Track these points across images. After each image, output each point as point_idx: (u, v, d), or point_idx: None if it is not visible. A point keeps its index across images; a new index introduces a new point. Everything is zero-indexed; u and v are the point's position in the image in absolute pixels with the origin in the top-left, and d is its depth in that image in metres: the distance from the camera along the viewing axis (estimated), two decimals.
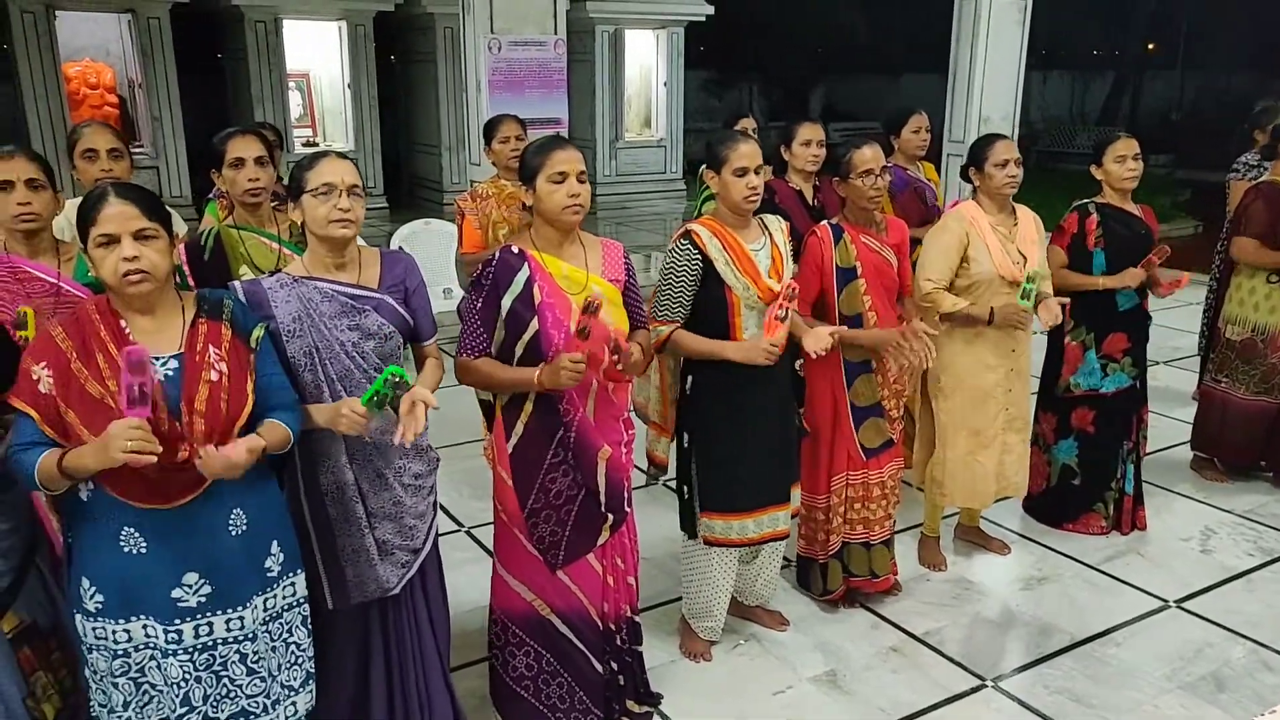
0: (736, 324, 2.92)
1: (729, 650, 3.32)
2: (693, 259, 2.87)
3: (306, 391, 2.30)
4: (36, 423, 1.98)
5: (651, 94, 12.95)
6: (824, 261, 3.18)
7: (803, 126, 4.00)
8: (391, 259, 2.46)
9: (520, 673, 2.82)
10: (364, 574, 2.43)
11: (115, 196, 1.99)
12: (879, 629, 3.44)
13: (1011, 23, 8.07)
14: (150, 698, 2.13)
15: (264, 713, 2.22)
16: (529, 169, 2.57)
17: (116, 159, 3.00)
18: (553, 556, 2.70)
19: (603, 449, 2.67)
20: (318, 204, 2.27)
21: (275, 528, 2.23)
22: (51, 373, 1.98)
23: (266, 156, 2.85)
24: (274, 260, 2.84)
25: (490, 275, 2.57)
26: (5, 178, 2.48)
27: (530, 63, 7.02)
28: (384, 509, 2.44)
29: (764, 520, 3.06)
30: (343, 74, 10.90)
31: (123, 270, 1.98)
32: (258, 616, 2.18)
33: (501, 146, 4.06)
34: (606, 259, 2.71)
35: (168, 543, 2.05)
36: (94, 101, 9.46)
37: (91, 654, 2.11)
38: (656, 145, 12.94)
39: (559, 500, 2.67)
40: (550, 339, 2.55)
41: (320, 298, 2.32)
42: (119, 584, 2.05)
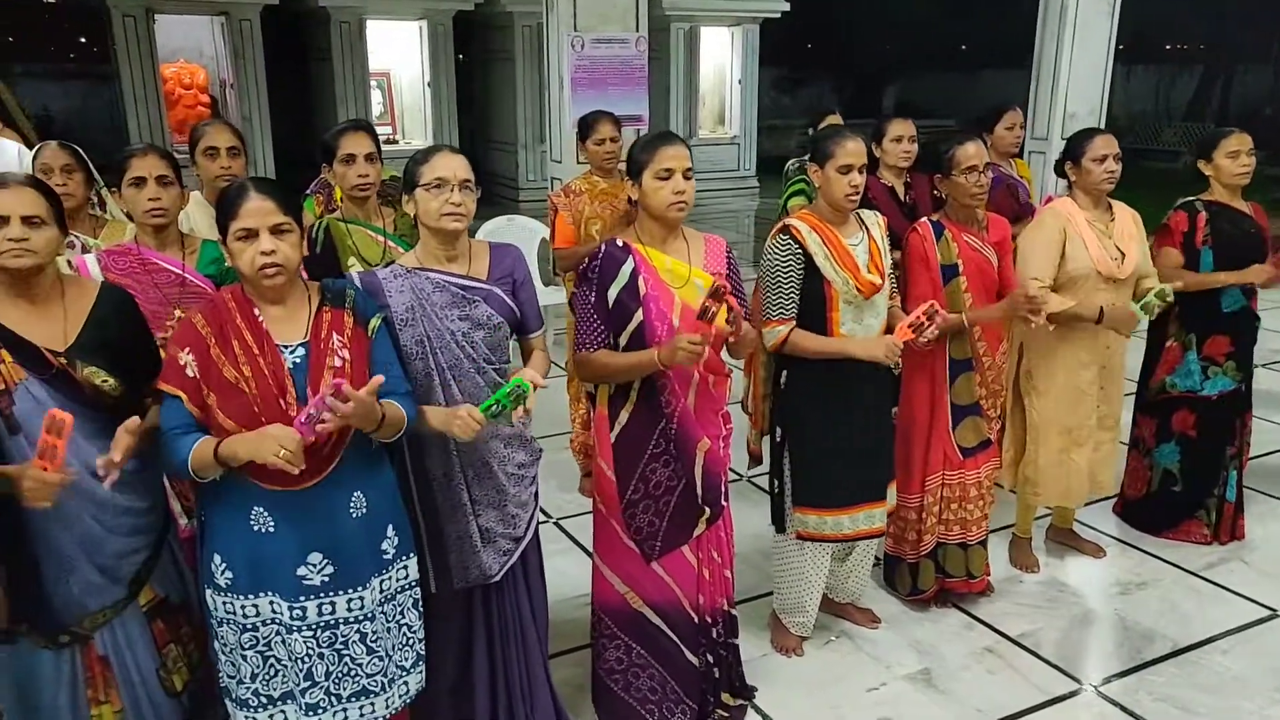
0: (834, 318, 2.92)
1: (820, 646, 3.32)
2: (795, 254, 2.88)
3: (418, 380, 2.36)
4: (184, 403, 2.07)
5: (726, 91, 12.94)
6: (929, 258, 3.16)
7: (894, 123, 3.97)
8: (501, 251, 2.51)
9: (610, 665, 2.86)
10: (467, 560, 2.49)
11: (255, 192, 2.08)
12: (973, 629, 3.41)
13: (1100, 15, 7.87)
14: (275, 671, 2.21)
15: (381, 691, 2.29)
16: (636, 164, 2.60)
17: (235, 156, 3.11)
18: (649, 548, 2.74)
19: (701, 441, 2.70)
20: (430, 197, 2.33)
21: (391, 512, 2.30)
22: (194, 357, 2.08)
23: (376, 152, 2.93)
24: (380, 253, 2.92)
25: (596, 268, 2.61)
26: (138, 174, 2.59)
27: (612, 60, 7.07)
28: (488, 497, 2.49)
29: (860, 517, 3.06)
30: (422, 73, 11.11)
31: (260, 264, 2.06)
32: (375, 598, 2.25)
33: (596, 148, 4.12)
34: (709, 253, 2.73)
35: (294, 523, 2.13)
36: (188, 101, 9.78)
37: (221, 627, 2.20)
38: (730, 142, 12.93)
39: (658, 491, 2.70)
40: (654, 330, 2.58)
41: (432, 288, 2.38)
42: (248, 561, 2.14)
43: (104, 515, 2.16)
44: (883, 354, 2.83)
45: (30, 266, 2.07)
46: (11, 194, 2.07)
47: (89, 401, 2.12)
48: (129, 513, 2.22)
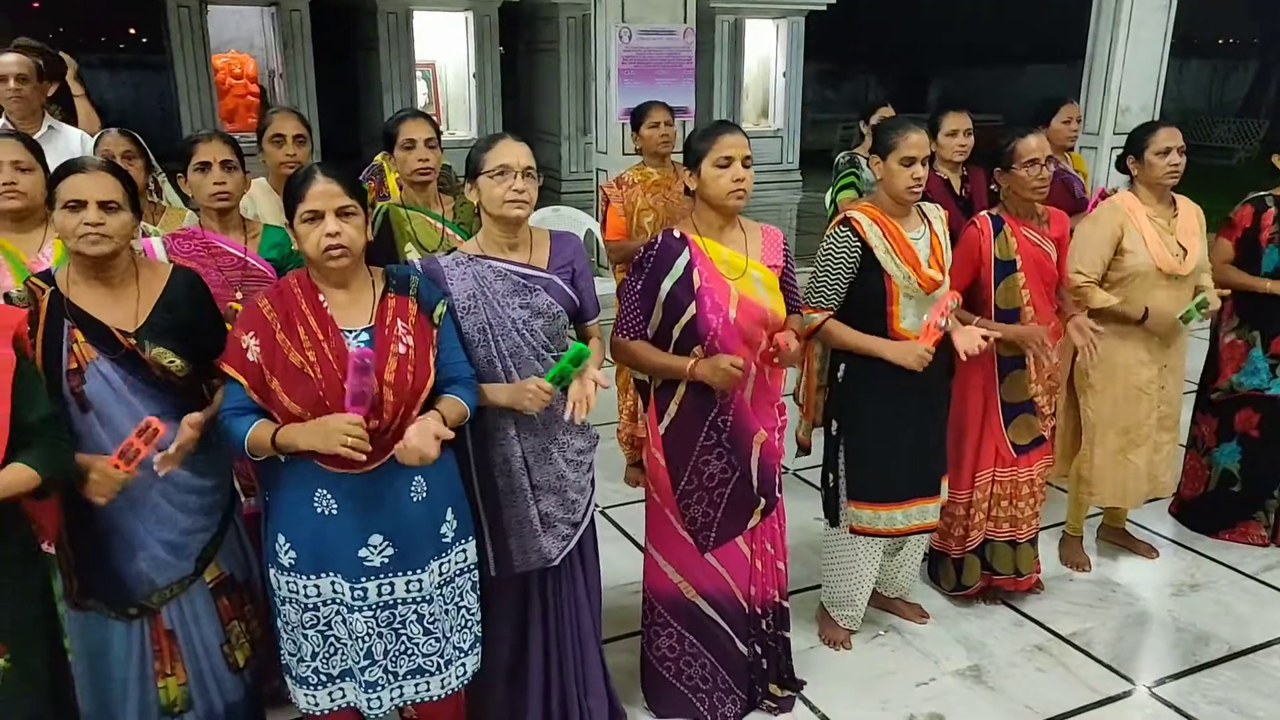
0: (894, 312, 2.90)
1: (868, 640, 3.31)
2: (853, 246, 2.86)
3: (479, 367, 2.38)
4: (245, 388, 2.11)
5: (770, 84, 12.87)
6: (982, 253, 3.13)
7: (949, 116, 3.94)
8: (561, 240, 2.52)
9: (662, 653, 2.87)
10: (527, 544, 2.51)
11: (321, 175, 2.10)
12: (1023, 627, 3.38)
13: (1155, 9, 7.74)
14: (335, 650, 2.25)
15: (438, 671, 2.32)
16: (694, 153, 2.60)
17: (300, 144, 3.15)
18: (703, 538, 2.74)
19: (758, 432, 2.70)
20: (494, 185, 2.34)
21: (451, 496, 2.33)
22: (258, 342, 2.11)
23: (436, 138, 2.95)
24: (438, 240, 2.94)
25: (651, 258, 2.62)
26: (204, 159, 2.64)
27: (660, 51, 7.07)
28: (548, 482, 2.51)
29: (913, 512, 3.04)
30: (468, 63, 11.17)
31: (325, 245, 2.08)
32: (434, 580, 2.28)
33: (651, 132, 4.11)
34: (766, 244, 2.72)
35: (356, 505, 2.16)
36: (238, 91, 9.91)
37: (284, 606, 2.24)
38: (773, 135, 12.85)
39: (712, 482, 2.70)
40: (708, 323, 2.58)
41: (493, 276, 2.40)
42: (311, 542, 2.18)
43: (172, 493, 2.22)
44: (912, 361, 2.80)
45: (107, 252, 2.12)
46: (90, 178, 2.11)
47: (157, 381, 2.17)
48: (196, 491, 2.27)
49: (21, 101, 3.59)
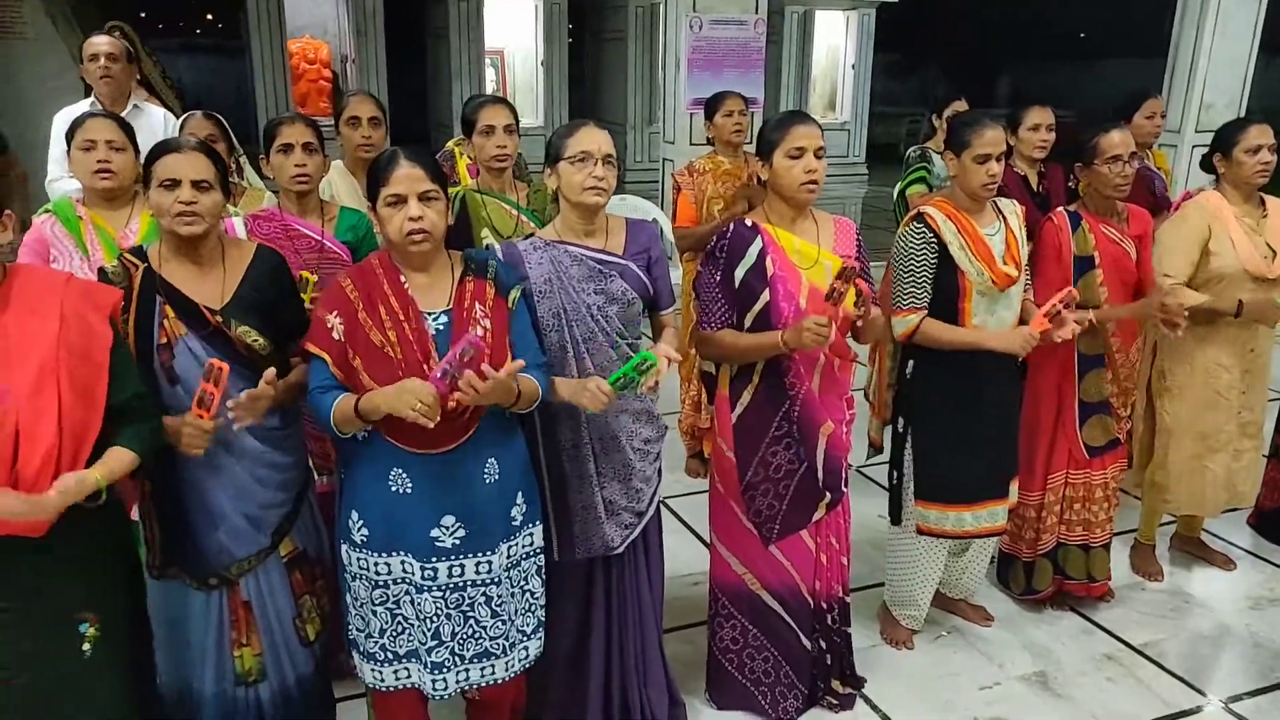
0: (966, 309, 2.85)
1: (931, 641, 3.27)
2: (929, 241, 2.82)
3: (551, 352, 2.39)
4: (329, 365, 2.14)
5: (838, 76, 12.69)
6: (1060, 249, 3.06)
7: (1032, 110, 3.84)
8: (637, 227, 2.52)
9: (726, 644, 2.87)
10: (590, 531, 2.52)
11: (405, 159, 2.12)
12: (1092, 635, 3.30)
13: (1244, 2, 7.48)
14: (403, 629, 2.28)
15: (502, 654, 2.34)
16: (767, 143, 2.58)
17: (376, 126, 3.19)
18: (768, 530, 2.72)
19: (825, 424, 2.67)
20: (574, 171, 2.34)
21: (522, 480, 2.34)
22: (342, 321, 2.14)
23: (514, 125, 2.97)
24: (513, 225, 2.96)
25: (724, 247, 2.60)
26: (286, 141, 2.68)
27: (730, 42, 7.02)
28: (614, 470, 2.51)
29: (982, 514, 2.99)
30: (536, 51, 11.20)
31: (407, 229, 2.11)
32: (502, 562, 2.29)
33: (725, 121, 4.09)
34: (838, 235, 2.70)
35: (430, 486, 2.18)
36: (311, 76, 10.06)
37: (354, 582, 2.27)
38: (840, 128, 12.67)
39: (778, 474, 2.68)
40: (780, 312, 2.56)
41: (570, 261, 2.40)
42: (384, 520, 2.21)
43: (253, 467, 2.26)
44: (1018, 346, 2.76)
45: (199, 232, 2.17)
46: (184, 158, 2.16)
47: (241, 359, 2.20)
48: (275, 467, 2.31)
49: (112, 82, 3.71)
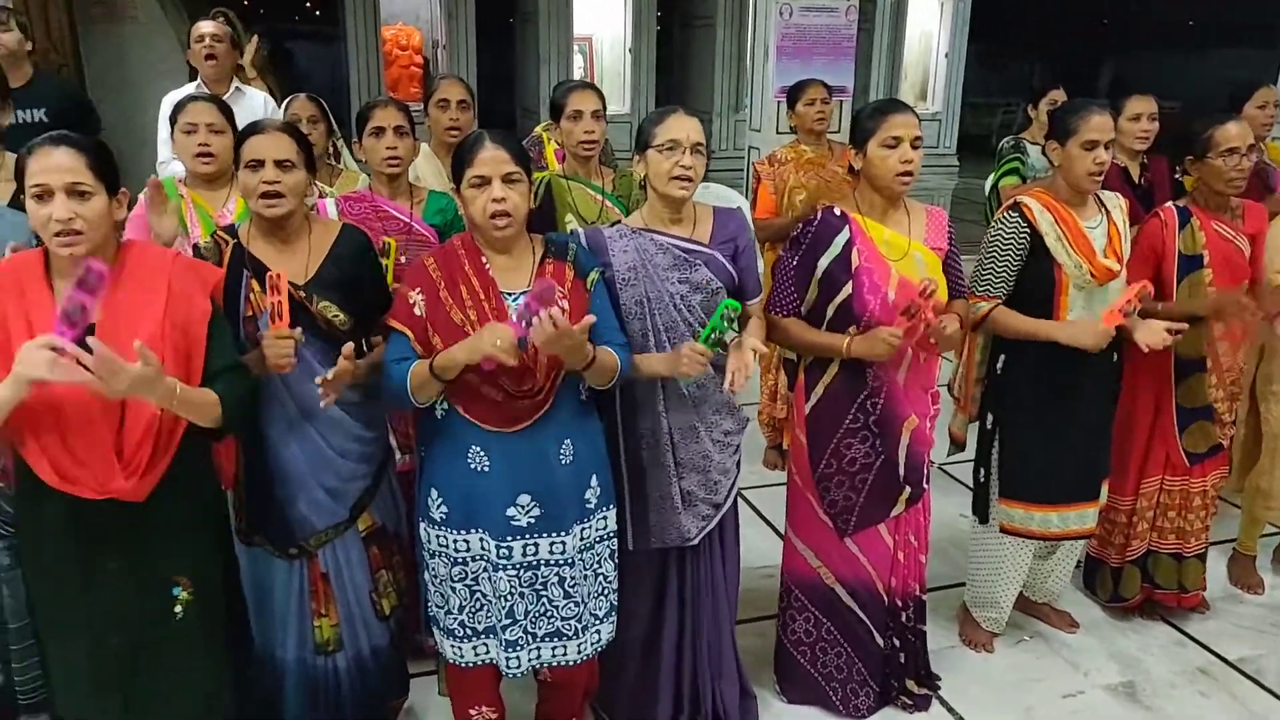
0: (1062, 303, 2.75)
1: (1012, 644, 3.18)
2: (1021, 233, 2.73)
3: (633, 340, 2.37)
4: (410, 341, 2.17)
5: (930, 65, 12.41)
6: (1164, 247, 2.93)
7: (1134, 99, 3.69)
8: (725, 216, 2.49)
9: (798, 637, 2.84)
10: (666, 520, 2.50)
11: (490, 141, 2.14)
12: (1184, 647, 3.18)
13: None
14: (480, 605, 2.31)
15: (575, 636, 2.35)
16: (862, 131, 2.53)
17: (464, 109, 3.22)
18: (843, 522, 2.68)
19: (909, 418, 2.62)
20: (661, 159, 2.32)
21: (596, 463, 2.34)
22: (424, 298, 2.17)
23: (602, 111, 2.96)
24: (597, 211, 2.96)
25: (809, 235, 2.56)
26: (378, 124, 2.72)
27: (820, 29, 6.92)
28: (692, 460, 2.49)
29: (1070, 516, 2.90)
30: (624, 38, 11.19)
31: (490, 210, 2.12)
32: (576, 544, 2.30)
33: (807, 110, 4.04)
34: (930, 226, 2.63)
35: (507, 464, 2.20)
36: (403, 62, 10.23)
37: (433, 559, 2.31)
38: (931, 119, 12.38)
39: (853, 467, 2.64)
40: (864, 304, 2.52)
41: (655, 249, 2.39)
42: (462, 497, 2.23)
43: (334, 439, 2.31)
44: (1090, 341, 2.65)
45: (281, 214, 2.22)
46: (268, 138, 2.21)
47: (322, 333, 2.26)
48: (355, 440, 2.36)
49: (215, 64, 3.84)
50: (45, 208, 1.85)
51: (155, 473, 1.93)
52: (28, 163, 1.87)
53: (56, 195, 1.85)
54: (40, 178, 1.85)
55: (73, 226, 1.85)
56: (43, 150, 1.87)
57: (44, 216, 1.85)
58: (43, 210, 1.85)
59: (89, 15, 7.87)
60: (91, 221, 1.87)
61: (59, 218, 1.84)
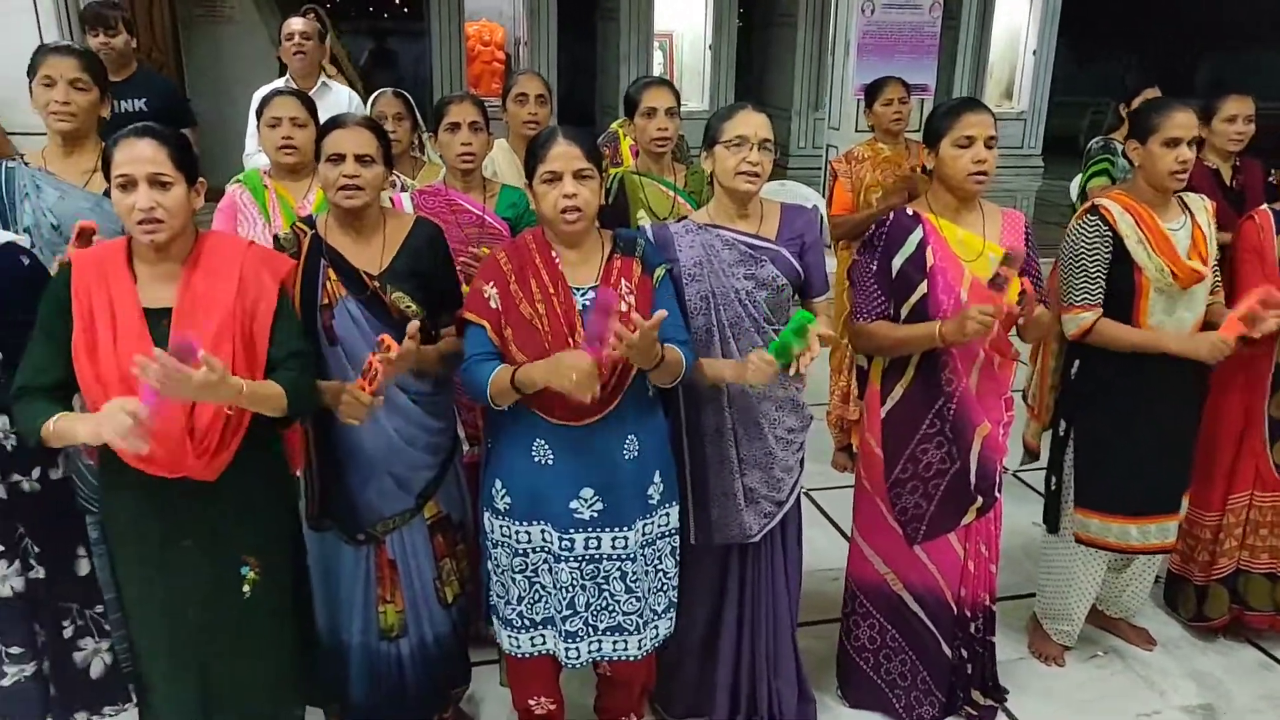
0: (1142, 308, 2.67)
1: (1084, 659, 3.10)
2: (1103, 236, 2.66)
3: (697, 335, 2.37)
4: (487, 331, 2.20)
5: (1017, 63, 12.11)
6: (1262, 251, 2.81)
7: (1230, 100, 3.55)
8: (792, 213, 2.48)
9: (862, 643, 2.80)
10: (728, 517, 2.50)
11: (562, 137, 2.16)
12: (1271, 671, 3.05)
13: None
14: (541, 597, 2.33)
15: (635, 631, 2.36)
16: (934, 130, 2.48)
17: (542, 104, 3.25)
18: (913, 530, 2.64)
19: (981, 424, 2.57)
20: (729, 155, 2.32)
21: (659, 458, 2.35)
22: (497, 291, 2.20)
23: (676, 108, 2.96)
24: (669, 207, 2.96)
25: (882, 236, 2.53)
26: (454, 119, 2.76)
27: (903, 26, 6.81)
28: (755, 457, 2.48)
29: (1150, 529, 2.80)
30: (704, 35, 11.17)
31: (561, 206, 2.14)
32: (638, 539, 2.31)
33: (884, 109, 3.99)
34: (1006, 228, 2.58)
35: (571, 458, 2.22)
36: (485, 58, 10.37)
37: (496, 549, 2.34)
38: (1016, 118, 12.09)
39: (928, 473, 2.60)
40: (939, 304, 2.47)
41: (721, 245, 2.38)
42: (526, 489, 2.26)
43: (404, 428, 2.35)
44: (1206, 352, 2.56)
45: (359, 205, 2.26)
46: (349, 133, 2.26)
47: (395, 324, 2.29)
48: (425, 430, 2.40)
49: (304, 58, 3.95)
50: (129, 197, 1.93)
51: (225, 454, 2.00)
52: (113, 154, 1.95)
53: (139, 185, 1.92)
54: (124, 168, 1.93)
55: (154, 215, 1.92)
56: (127, 142, 1.95)
57: (128, 205, 1.93)
58: (127, 199, 1.93)
59: (191, 16, 8.17)
60: (171, 210, 1.95)
61: (141, 206, 1.91)
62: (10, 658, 2.14)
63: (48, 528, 2.19)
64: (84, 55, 2.54)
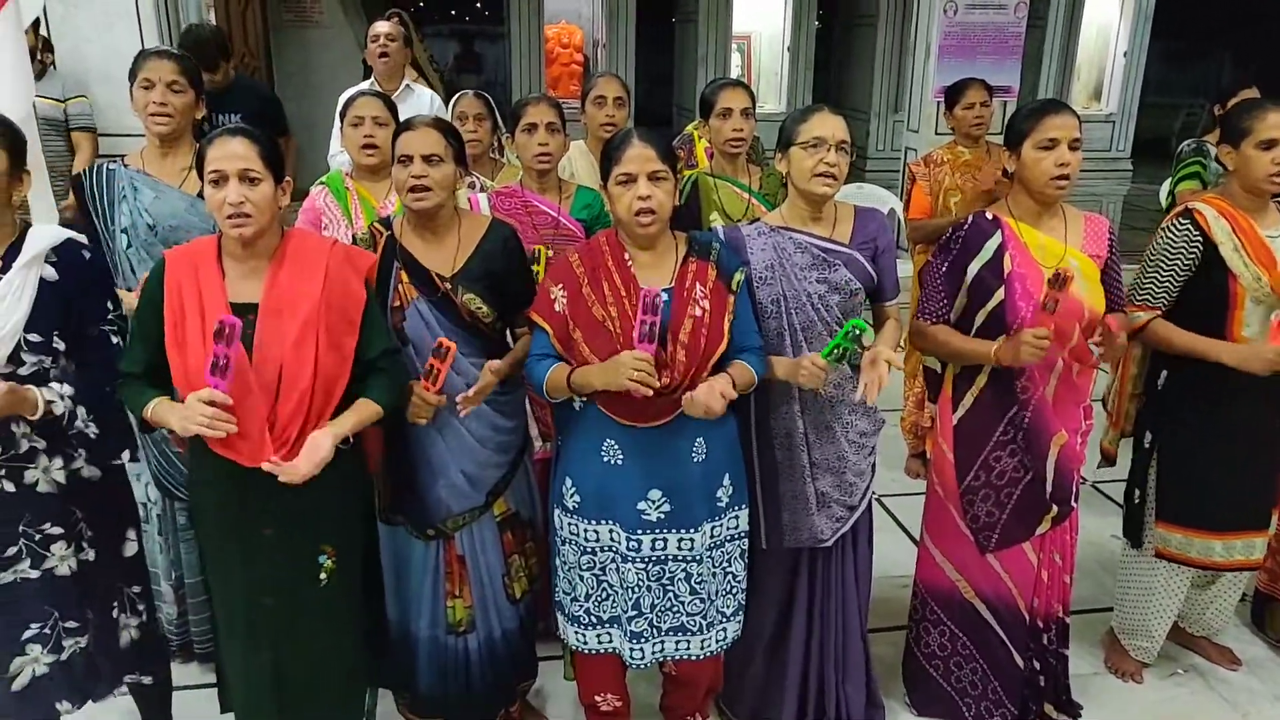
0: (1236, 318, 2.58)
1: (1164, 677, 3.01)
2: (1193, 241, 2.58)
3: (769, 338, 2.37)
4: (550, 336, 2.24)
5: (1107, 63, 11.77)
6: None
7: None
8: (866, 216, 2.46)
9: (932, 650, 2.77)
10: (800, 521, 2.49)
11: (637, 139, 2.18)
12: None
13: None
14: (607, 595, 2.36)
15: (700, 631, 2.37)
16: (1016, 132, 2.44)
17: (620, 106, 3.27)
18: (985, 538, 2.60)
19: (1058, 434, 2.51)
20: (805, 156, 2.31)
21: (729, 461, 2.35)
22: (566, 293, 2.23)
23: (751, 109, 2.96)
24: (743, 209, 2.96)
25: (960, 240, 2.50)
26: (531, 120, 2.79)
27: (987, 26, 6.69)
28: (827, 461, 2.47)
29: (1236, 545, 2.71)
30: (783, 36, 11.11)
31: (635, 208, 2.16)
32: (705, 541, 2.32)
33: (965, 113, 3.93)
34: (1088, 233, 2.52)
35: (640, 459, 2.24)
36: (563, 60, 10.47)
37: (564, 546, 2.37)
38: (1104, 120, 11.76)
39: (1001, 481, 2.55)
40: (1017, 310, 2.43)
41: (794, 248, 2.38)
42: (595, 488, 2.29)
43: (475, 428, 2.39)
44: (1257, 365, 2.47)
45: (430, 207, 2.31)
46: (417, 135, 2.31)
47: (466, 325, 2.34)
48: (495, 429, 2.43)
49: (388, 60, 4.06)
50: (220, 192, 2.01)
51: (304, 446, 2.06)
52: (207, 151, 2.04)
53: (230, 180, 2.00)
54: (217, 164, 2.01)
55: (243, 209, 2.00)
56: (220, 140, 2.03)
57: (219, 200, 2.01)
58: (218, 194, 2.01)
59: (280, 21, 8.43)
60: (259, 205, 2.02)
61: (231, 201, 2.00)
62: (67, 632, 2.25)
63: (102, 512, 2.28)
64: (181, 59, 2.65)
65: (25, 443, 2.10)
